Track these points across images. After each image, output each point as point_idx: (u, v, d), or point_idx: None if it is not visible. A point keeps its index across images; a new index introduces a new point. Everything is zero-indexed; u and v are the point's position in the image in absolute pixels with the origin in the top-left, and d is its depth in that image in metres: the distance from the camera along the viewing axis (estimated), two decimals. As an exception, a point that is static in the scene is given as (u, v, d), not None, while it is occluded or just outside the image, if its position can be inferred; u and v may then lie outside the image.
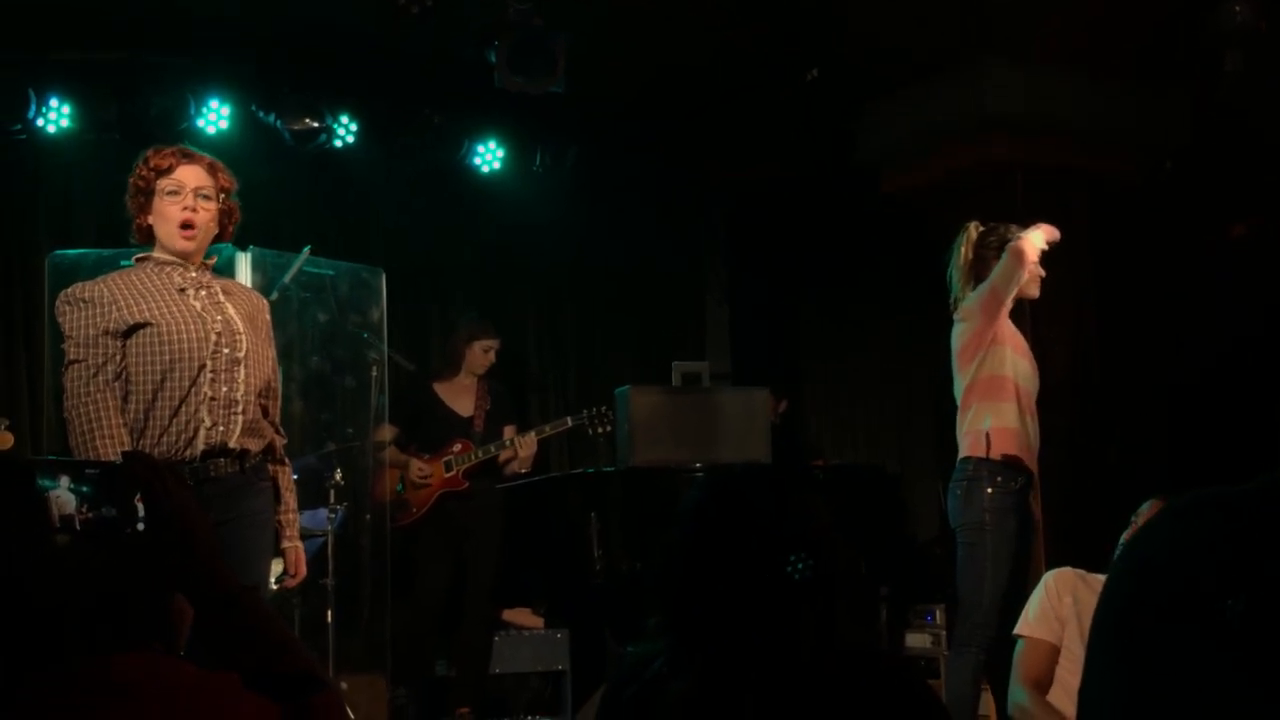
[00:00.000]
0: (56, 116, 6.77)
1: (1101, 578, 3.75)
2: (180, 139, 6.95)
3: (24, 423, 6.69)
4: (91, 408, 3.63)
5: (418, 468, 6.61)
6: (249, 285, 5.69)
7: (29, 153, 6.88)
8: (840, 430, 9.23)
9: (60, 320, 3.73)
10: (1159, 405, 7.25)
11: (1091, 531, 5.03)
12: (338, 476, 6.29)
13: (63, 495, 1.79)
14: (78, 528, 1.77)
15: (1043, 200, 7.03)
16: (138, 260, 3.88)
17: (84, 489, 1.80)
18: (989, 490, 4.75)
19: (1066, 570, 3.92)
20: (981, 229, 5.11)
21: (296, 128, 7.28)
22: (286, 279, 6.04)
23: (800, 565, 1.86)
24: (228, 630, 1.77)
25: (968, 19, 6.75)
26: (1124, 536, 3.63)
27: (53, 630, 1.52)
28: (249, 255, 5.79)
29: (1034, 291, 5.07)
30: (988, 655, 4.72)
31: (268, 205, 7.67)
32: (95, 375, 3.65)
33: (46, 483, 1.78)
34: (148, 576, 1.81)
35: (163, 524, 1.77)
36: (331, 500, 6.26)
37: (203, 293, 3.84)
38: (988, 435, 4.78)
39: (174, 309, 3.76)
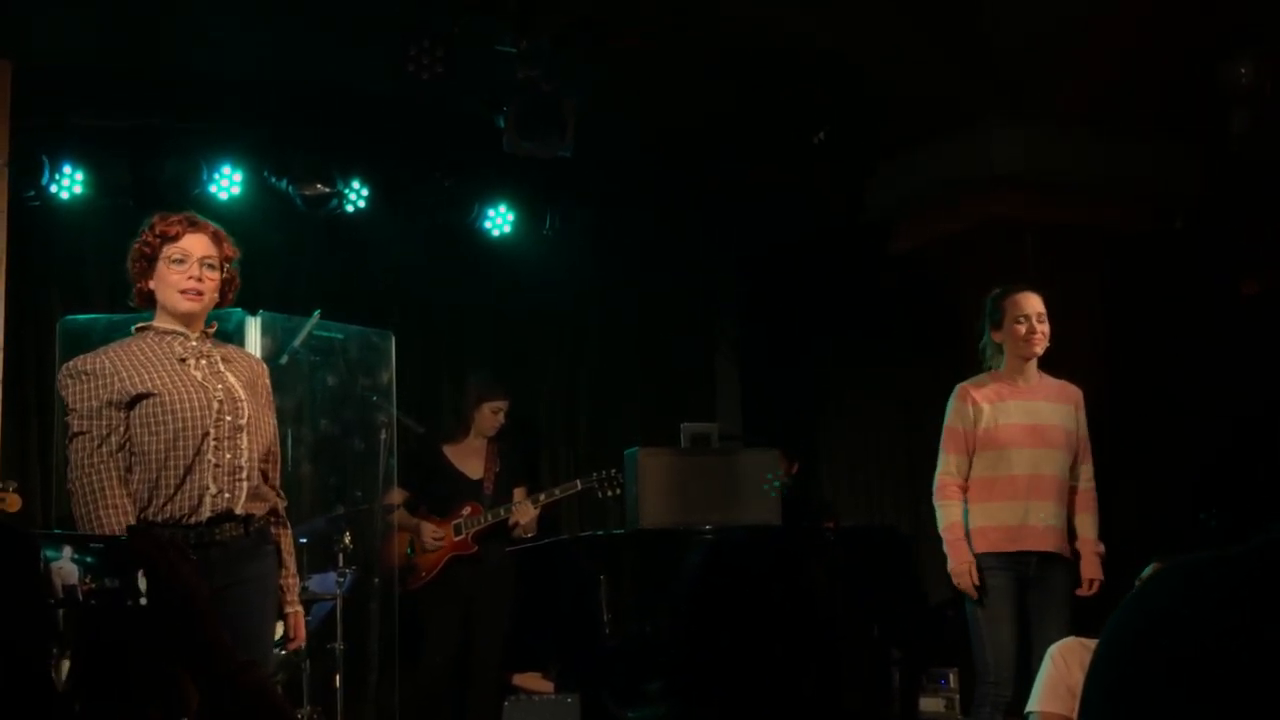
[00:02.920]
0: (70, 183, 6.81)
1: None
2: (192, 205, 7.00)
3: (34, 485, 6.69)
4: (95, 479, 3.64)
5: (431, 531, 6.59)
6: (259, 349, 5.72)
7: (42, 219, 6.92)
8: (853, 490, 9.18)
9: (63, 393, 3.75)
10: (1171, 462, 7.20)
11: (1107, 589, 5.00)
12: (347, 540, 6.26)
13: (65, 566, 1.79)
14: (79, 598, 1.77)
15: (1053, 257, 7.04)
16: (138, 330, 3.90)
17: (87, 560, 1.80)
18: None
19: (1071, 641, 3.93)
20: (991, 297, 5.20)
21: (308, 192, 7.31)
22: (296, 343, 6.07)
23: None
24: (227, 706, 1.76)
25: (976, 78, 6.79)
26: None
27: (48, 697, 1.51)
28: (259, 319, 5.81)
29: (1038, 349, 5.12)
30: (1007, 707, 4.83)
31: (279, 269, 7.74)
32: (99, 447, 3.67)
33: (50, 553, 1.78)
34: (147, 649, 1.81)
35: (165, 600, 1.77)
36: (341, 564, 6.24)
37: (203, 362, 3.86)
38: (969, 534, 5.07)
39: (176, 379, 3.78)
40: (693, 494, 6.64)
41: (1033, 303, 5.16)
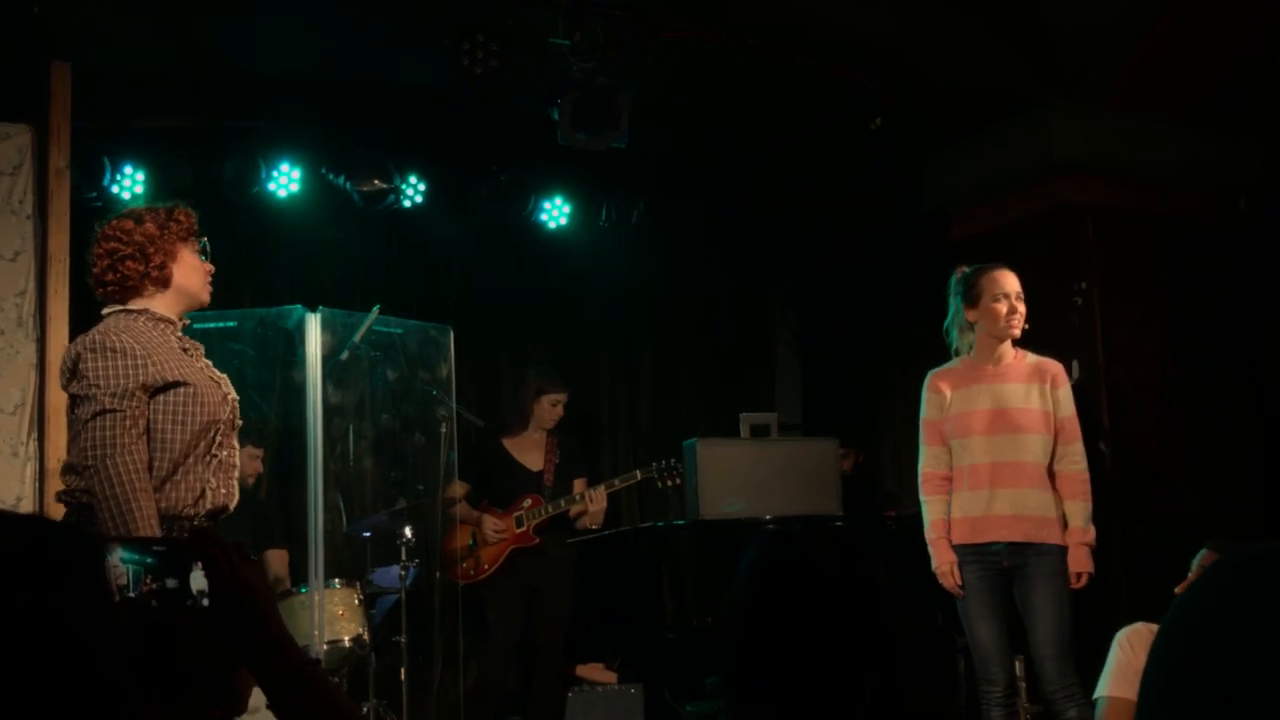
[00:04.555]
0: (131, 183, 6.89)
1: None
2: (252, 202, 7.11)
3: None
4: (130, 461, 3.54)
5: (492, 523, 6.61)
6: (319, 346, 5.77)
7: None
8: (913, 479, 9.12)
9: (82, 367, 3.62)
10: (1239, 449, 7.10)
11: (1173, 579, 4.92)
12: (409, 534, 6.31)
13: (119, 566, 1.80)
14: (136, 599, 1.78)
15: (1114, 244, 6.96)
16: (134, 313, 3.78)
17: (147, 561, 1.81)
18: None
19: (1139, 626, 3.86)
20: (964, 274, 5.15)
21: (365, 189, 7.36)
22: (356, 338, 6.12)
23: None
24: (294, 704, 1.77)
25: (1035, 64, 6.72)
26: (1177, 589, 3.55)
27: (113, 700, 1.52)
28: (319, 316, 5.86)
29: (1016, 331, 4.98)
30: (1001, 701, 4.82)
31: (338, 266, 7.81)
32: (130, 428, 3.57)
33: (110, 555, 1.79)
34: (210, 649, 1.83)
35: (229, 600, 1.78)
36: (403, 558, 6.29)
37: (191, 355, 3.84)
38: (949, 524, 5.00)
39: (196, 371, 3.78)
40: (752, 484, 6.63)
41: (1011, 281, 4.99)
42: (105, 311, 3.80)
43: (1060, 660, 4.74)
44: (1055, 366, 5.00)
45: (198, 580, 1.77)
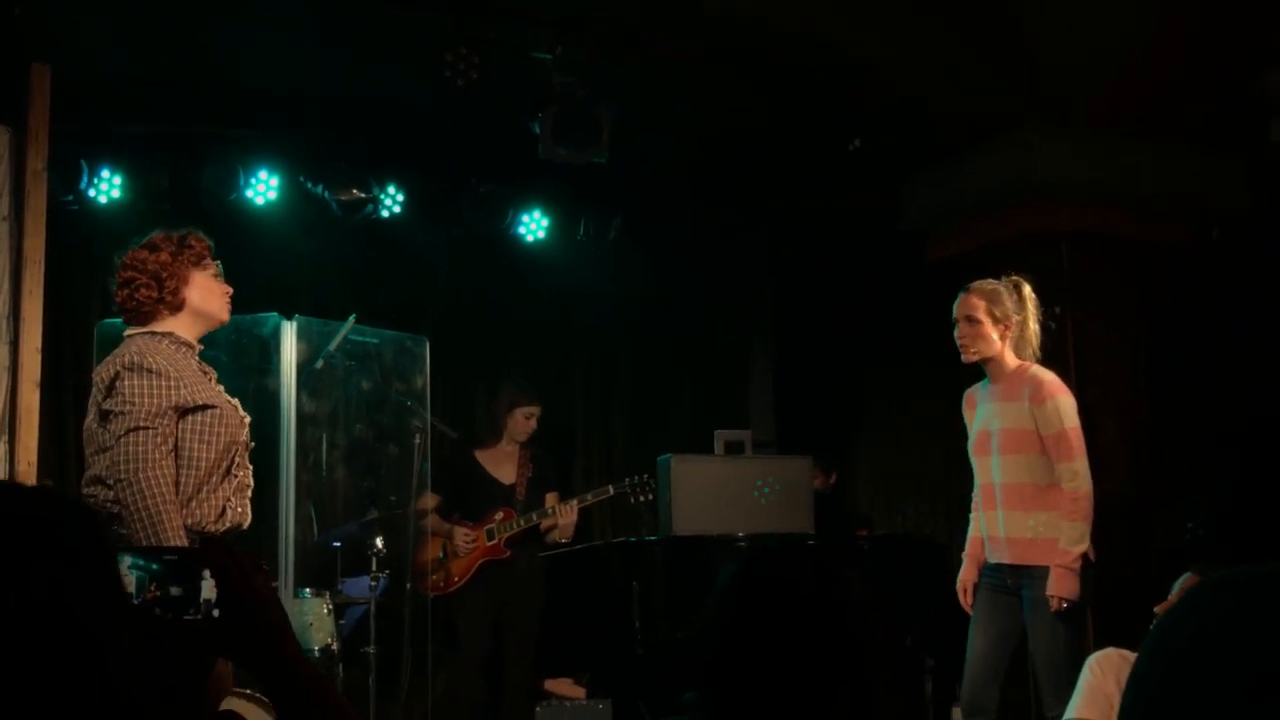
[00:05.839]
0: (108, 187, 6.86)
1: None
2: (229, 209, 7.09)
3: (71, 488, 6.72)
4: (161, 476, 3.72)
5: (463, 535, 6.59)
6: (294, 354, 5.76)
7: (80, 222, 6.97)
8: (889, 500, 9.15)
9: (119, 385, 3.79)
10: (1210, 475, 7.14)
11: (1143, 603, 4.92)
12: (380, 544, 6.28)
13: (125, 574, 1.78)
14: (139, 605, 1.76)
15: (1091, 268, 6.99)
16: (159, 335, 3.96)
17: (153, 568, 1.79)
18: None
19: (1110, 651, 3.86)
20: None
21: (344, 198, 7.35)
22: (331, 347, 6.09)
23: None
24: (302, 715, 1.76)
25: (1014, 86, 6.75)
26: (1157, 609, 3.55)
27: (128, 699, 1.51)
28: (294, 324, 5.83)
29: (964, 354, 4.95)
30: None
31: (314, 274, 7.78)
32: (161, 444, 3.75)
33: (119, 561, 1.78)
34: (209, 658, 1.82)
35: (240, 609, 1.77)
36: (374, 568, 6.26)
37: (208, 378, 4.01)
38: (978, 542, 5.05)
39: (218, 393, 3.96)
40: (725, 501, 6.63)
41: (961, 304, 4.95)
42: (128, 333, 3.97)
43: (1054, 687, 4.63)
44: (1040, 382, 4.83)
45: (206, 589, 1.75)
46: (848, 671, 1.87)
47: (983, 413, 4.98)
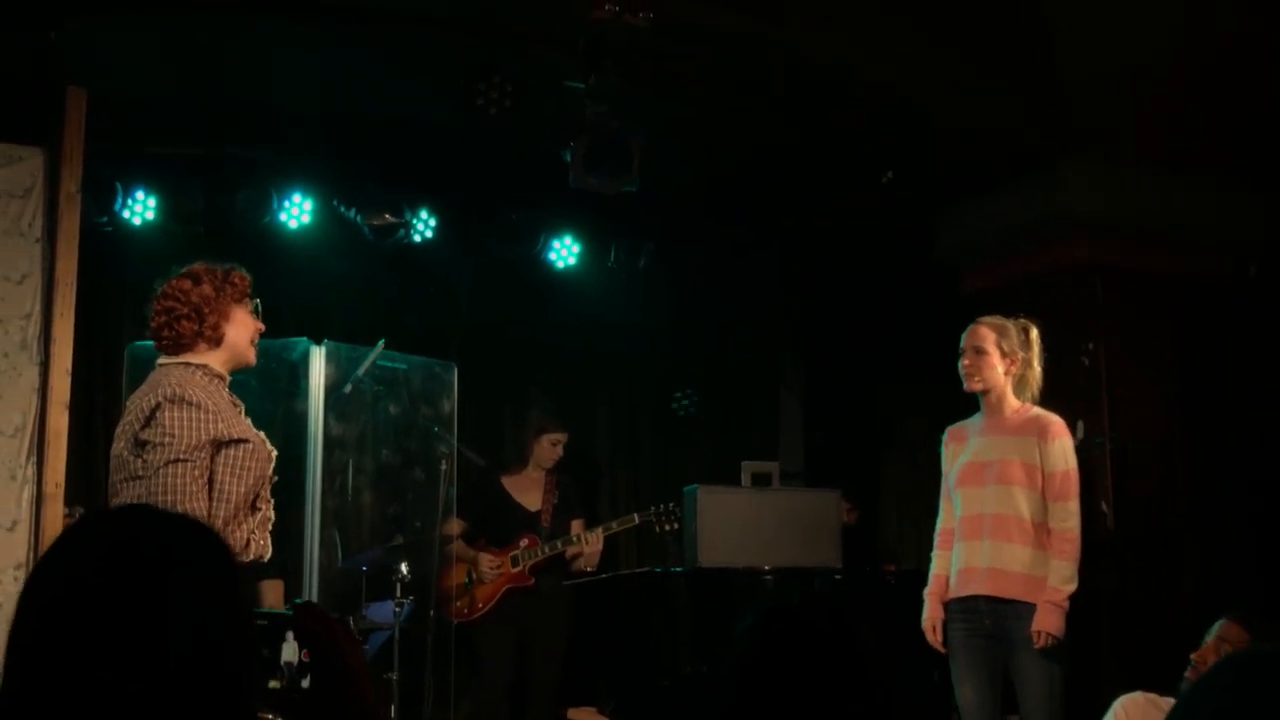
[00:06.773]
0: (142, 209, 6.90)
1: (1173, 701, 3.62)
2: (262, 232, 7.12)
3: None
4: (198, 508, 3.73)
5: (488, 562, 6.58)
6: (322, 378, 5.78)
7: (113, 244, 7.02)
8: (918, 533, 9.07)
9: (160, 416, 3.77)
10: (1247, 513, 7.05)
11: (1174, 643, 4.85)
12: (404, 570, 6.27)
13: None
14: None
15: (1124, 303, 6.93)
16: (194, 366, 3.95)
17: None
18: None
19: (1137, 696, 3.81)
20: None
21: (376, 222, 7.37)
22: (360, 372, 6.11)
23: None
24: None
25: (1049, 121, 6.72)
26: (1193, 656, 3.49)
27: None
28: (324, 349, 5.85)
29: (966, 384, 4.93)
30: None
31: (344, 299, 7.79)
32: (199, 477, 3.77)
33: None
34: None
35: (332, 682, 1.75)
36: (398, 594, 6.24)
37: (238, 410, 4.01)
38: (946, 580, 4.94)
39: (250, 428, 3.97)
40: (751, 533, 6.59)
41: (971, 335, 4.95)
42: (161, 362, 3.97)
43: None
44: (1049, 421, 4.84)
45: (287, 651, 1.74)
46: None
47: (977, 445, 4.92)
